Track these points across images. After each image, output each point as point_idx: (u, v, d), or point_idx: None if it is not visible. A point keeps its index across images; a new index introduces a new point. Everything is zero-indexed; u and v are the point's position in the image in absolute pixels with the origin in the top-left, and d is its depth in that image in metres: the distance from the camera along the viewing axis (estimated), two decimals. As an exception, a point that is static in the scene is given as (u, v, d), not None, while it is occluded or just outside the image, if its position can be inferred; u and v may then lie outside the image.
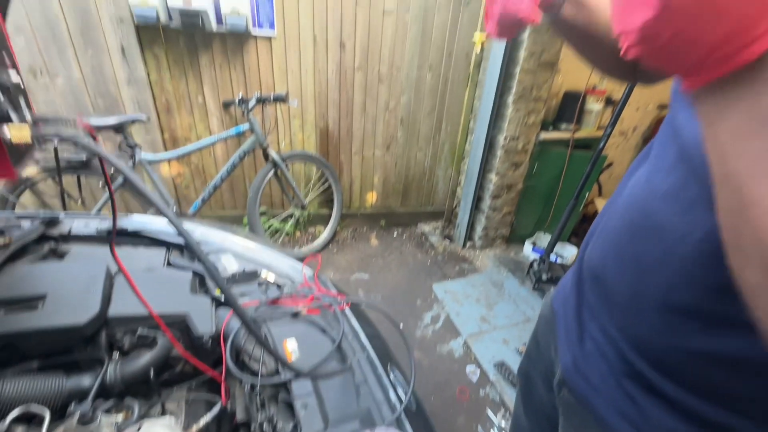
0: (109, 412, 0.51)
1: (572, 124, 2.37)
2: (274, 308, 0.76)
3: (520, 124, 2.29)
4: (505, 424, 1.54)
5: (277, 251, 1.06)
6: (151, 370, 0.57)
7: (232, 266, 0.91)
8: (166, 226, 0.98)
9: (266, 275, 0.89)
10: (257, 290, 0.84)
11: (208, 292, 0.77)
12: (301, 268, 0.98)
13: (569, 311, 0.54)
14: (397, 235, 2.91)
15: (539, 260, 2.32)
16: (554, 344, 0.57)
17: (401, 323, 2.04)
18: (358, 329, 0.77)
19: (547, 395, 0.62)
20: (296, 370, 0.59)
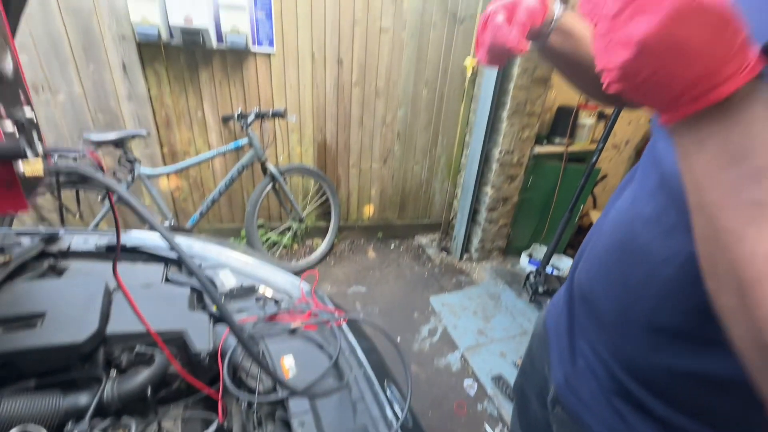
0: (105, 431, 0.51)
1: (566, 138, 2.42)
2: (271, 324, 0.76)
3: (514, 138, 2.33)
4: (503, 439, 1.53)
5: (274, 266, 1.06)
6: (148, 387, 0.57)
7: (230, 281, 0.92)
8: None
9: (264, 290, 0.90)
10: (255, 306, 0.84)
11: (205, 308, 0.77)
12: (298, 283, 0.99)
13: (561, 329, 0.55)
14: (394, 247, 2.92)
15: (536, 272, 2.33)
16: (547, 361, 0.58)
17: (398, 336, 2.03)
18: (355, 345, 0.77)
19: (541, 412, 0.63)
20: (292, 389, 0.59)
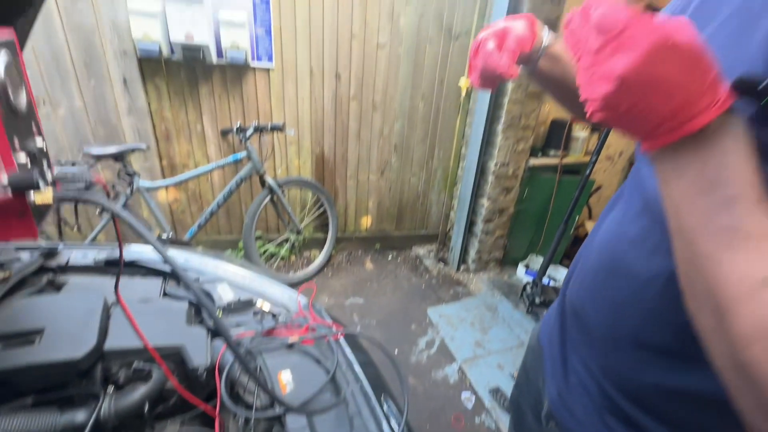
0: (103, 448, 0.51)
1: (560, 150, 2.46)
2: (269, 339, 0.77)
3: (509, 151, 2.37)
4: (501, 453, 1.52)
5: (271, 279, 1.07)
6: (145, 404, 0.57)
7: (227, 295, 0.92)
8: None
9: (261, 304, 0.91)
10: (252, 320, 0.85)
11: (203, 322, 0.78)
12: (296, 296, 0.99)
13: (554, 344, 0.56)
14: (391, 258, 2.92)
15: (532, 283, 2.34)
16: (542, 376, 0.59)
17: (396, 349, 2.02)
18: (352, 359, 0.78)
19: (536, 426, 0.63)
20: (288, 405, 0.59)
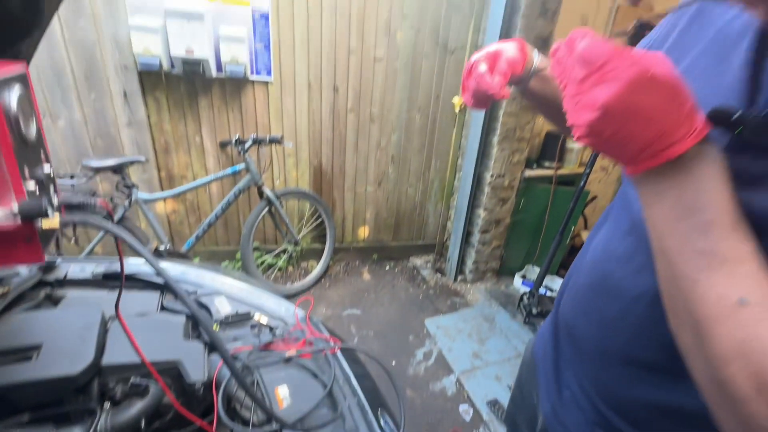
0: (99, 465, 0.51)
1: (555, 162, 2.49)
2: (266, 353, 0.77)
3: (505, 162, 2.40)
4: (500, 467, 1.50)
5: (269, 292, 1.07)
6: (142, 420, 0.57)
7: (225, 308, 0.93)
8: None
9: (259, 318, 0.91)
10: (250, 334, 0.85)
11: (200, 336, 0.78)
12: (293, 309, 1.00)
13: (548, 359, 0.57)
14: (389, 268, 2.93)
15: (529, 293, 2.34)
16: (536, 391, 0.60)
17: (393, 360, 2.01)
18: (348, 372, 0.78)
19: (532, 440, 0.64)
20: (285, 422, 0.60)
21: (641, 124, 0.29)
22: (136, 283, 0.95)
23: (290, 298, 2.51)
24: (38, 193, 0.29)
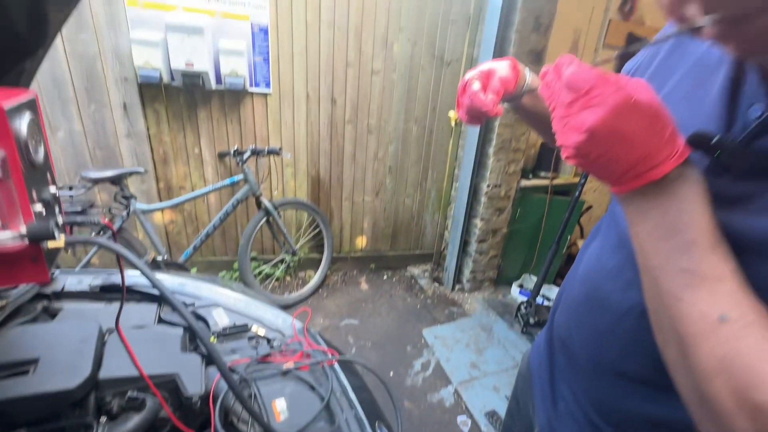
0: (95, 481, 0.51)
1: (550, 172, 2.52)
2: (264, 365, 0.77)
3: (501, 172, 2.42)
4: (499, 480, 1.49)
5: (266, 303, 1.08)
6: (139, 434, 0.57)
7: (223, 320, 0.93)
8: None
9: (256, 329, 0.91)
10: (247, 346, 0.85)
11: (198, 348, 0.78)
12: (291, 320, 1.00)
13: (543, 371, 0.58)
14: (386, 278, 2.92)
15: (526, 303, 2.35)
16: (532, 403, 0.60)
17: (391, 371, 2.00)
18: (346, 385, 0.78)
19: (528, 452, 0.64)
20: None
21: (625, 146, 0.31)
22: (133, 295, 0.95)
23: (288, 308, 2.48)
24: (45, 214, 0.30)
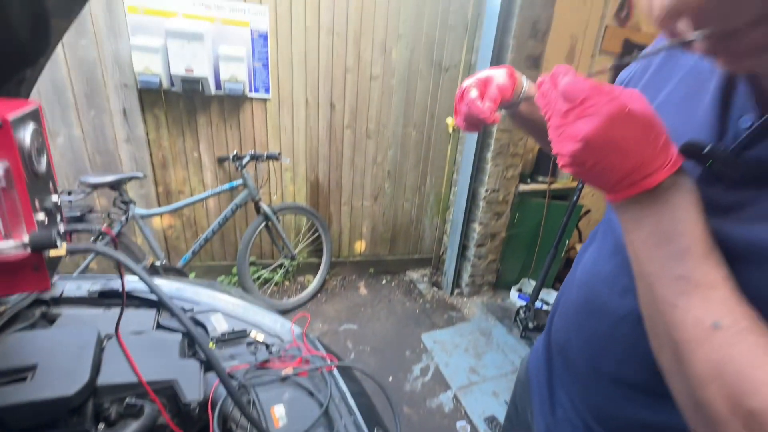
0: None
1: (548, 176, 2.53)
2: (263, 371, 0.77)
3: (499, 177, 2.43)
4: (498, 486, 1.48)
5: (265, 308, 1.08)
6: (137, 442, 0.57)
7: (221, 326, 0.93)
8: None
9: (255, 335, 0.91)
10: (246, 352, 0.85)
11: (196, 354, 0.78)
12: (289, 326, 1.00)
13: (541, 378, 0.58)
14: (385, 282, 2.92)
15: (525, 307, 2.35)
16: (530, 409, 0.60)
17: (390, 376, 2.00)
18: (345, 391, 0.78)
19: (527, 458, 0.64)
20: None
21: (620, 155, 0.31)
22: (132, 300, 0.95)
23: (286, 313, 2.48)
24: (47, 222, 0.30)
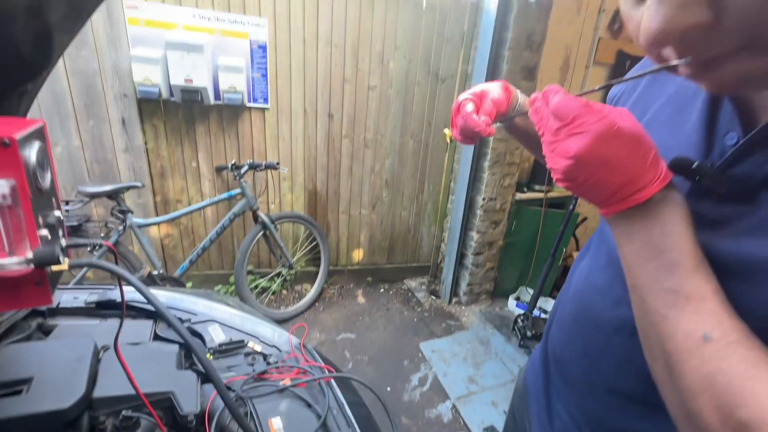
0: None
1: (544, 185, 2.55)
2: (260, 382, 0.77)
3: (496, 186, 2.45)
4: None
5: (262, 318, 1.07)
6: (133, 455, 0.57)
7: (219, 336, 0.93)
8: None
9: (253, 345, 0.91)
10: (244, 362, 0.85)
11: (193, 365, 0.78)
12: (287, 336, 1.00)
13: (539, 388, 0.58)
14: (383, 291, 2.91)
15: (523, 316, 2.35)
16: (528, 420, 0.60)
17: (388, 387, 1.98)
18: (343, 402, 0.78)
19: (525, 470, 0.63)
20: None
21: (610, 171, 0.32)
22: (129, 311, 0.94)
23: (284, 322, 2.46)
24: (50, 238, 0.31)
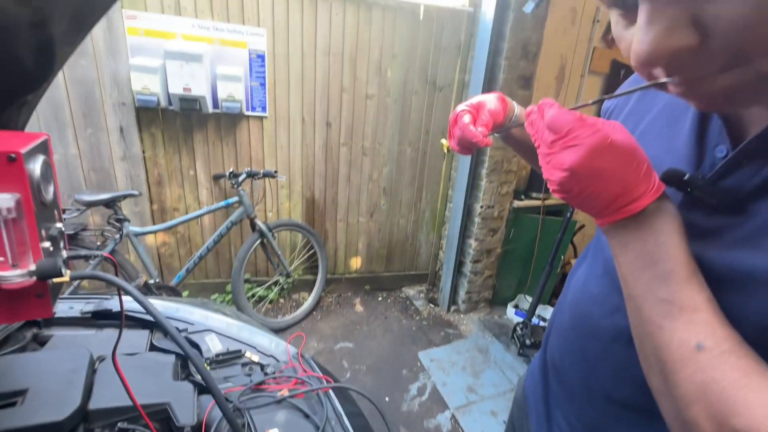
0: None
1: (542, 192, 2.57)
2: (258, 393, 0.76)
3: (494, 193, 2.46)
4: None
5: (260, 328, 1.07)
6: (128, 468, 0.56)
7: (216, 346, 0.92)
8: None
9: (250, 355, 0.90)
10: (241, 373, 0.84)
11: (189, 376, 0.77)
12: (284, 345, 0.99)
13: (538, 397, 0.58)
14: (381, 299, 2.90)
15: (522, 324, 2.34)
16: (527, 428, 0.60)
17: (387, 396, 1.96)
18: (341, 412, 0.77)
19: (525, 480, 0.63)
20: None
21: (604, 183, 0.33)
22: (126, 321, 0.94)
23: (282, 331, 2.45)
24: (52, 250, 0.31)
